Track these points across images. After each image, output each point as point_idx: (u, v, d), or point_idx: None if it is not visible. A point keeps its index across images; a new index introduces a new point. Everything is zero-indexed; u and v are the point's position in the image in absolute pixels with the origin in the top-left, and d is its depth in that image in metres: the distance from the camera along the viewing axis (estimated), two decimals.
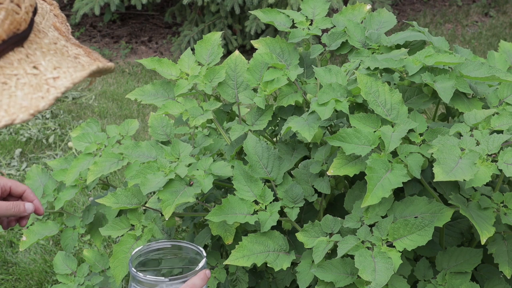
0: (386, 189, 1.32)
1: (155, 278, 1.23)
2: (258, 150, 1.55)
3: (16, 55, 0.78)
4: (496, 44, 5.08)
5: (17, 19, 0.77)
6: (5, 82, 0.76)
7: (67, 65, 0.81)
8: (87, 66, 0.82)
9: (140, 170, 1.52)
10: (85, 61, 0.85)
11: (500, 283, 1.52)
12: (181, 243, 1.34)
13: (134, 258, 1.30)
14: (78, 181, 1.89)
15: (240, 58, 1.72)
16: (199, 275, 1.24)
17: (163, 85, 1.72)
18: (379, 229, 1.40)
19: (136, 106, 4.49)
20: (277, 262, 1.46)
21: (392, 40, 1.65)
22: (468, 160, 1.29)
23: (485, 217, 1.39)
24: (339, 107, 1.45)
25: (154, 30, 5.82)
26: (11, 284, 3.00)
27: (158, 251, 1.35)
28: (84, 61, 0.84)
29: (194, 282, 1.23)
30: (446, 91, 1.43)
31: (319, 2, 1.77)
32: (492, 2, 6.02)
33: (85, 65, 0.83)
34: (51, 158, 3.92)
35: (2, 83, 0.76)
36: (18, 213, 1.35)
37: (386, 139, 1.37)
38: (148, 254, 1.34)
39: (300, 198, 1.52)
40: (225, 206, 1.46)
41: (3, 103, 0.74)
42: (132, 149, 1.64)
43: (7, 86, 0.76)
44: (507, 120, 1.41)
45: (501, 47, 1.81)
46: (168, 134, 1.80)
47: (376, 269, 1.32)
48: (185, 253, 1.36)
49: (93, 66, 0.81)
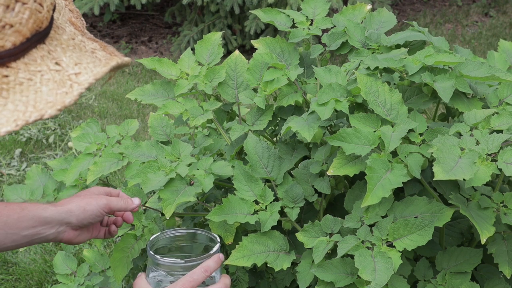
0: (386, 189, 1.32)
1: (172, 260, 1.32)
2: (258, 150, 1.55)
3: (39, 52, 0.82)
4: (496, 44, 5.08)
5: (39, 17, 0.81)
6: (30, 78, 0.80)
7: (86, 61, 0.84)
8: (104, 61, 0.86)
9: (140, 169, 1.52)
10: (101, 55, 0.88)
11: (500, 283, 1.52)
12: (196, 230, 1.43)
13: (151, 244, 1.38)
14: (78, 181, 1.89)
15: (240, 58, 1.72)
16: (213, 258, 1.32)
17: (163, 85, 1.73)
18: (379, 229, 1.40)
19: (136, 106, 4.49)
20: (277, 262, 1.46)
21: (392, 40, 1.65)
22: (468, 160, 1.29)
23: (485, 217, 1.39)
24: (339, 107, 1.45)
25: (154, 30, 5.82)
26: (11, 284, 3.00)
27: (174, 238, 1.43)
28: (100, 55, 0.88)
29: (209, 264, 1.31)
30: (446, 90, 1.43)
31: (320, 2, 1.77)
32: (492, 2, 6.02)
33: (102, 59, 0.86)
34: (51, 158, 3.92)
35: (28, 80, 0.79)
36: (126, 207, 1.39)
37: (386, 139, 1.37)
38: (165, 241, 1.43)
39: (300, 198, 1.52)
40: (225, 206, 1.46)
41: (30, 98, 0.78)
42: (133, 149, 1.64)
43: (32, 82, 0.79)
44: (507, 120, 1.41)
45: (501, 46, 1.81)
46: (168, 134, 1.80)
47: (376, 269, 1.32)
48: (200, 240, 1.44)
49: (113, 61, 0.85)
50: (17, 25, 0.78)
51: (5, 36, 0.77)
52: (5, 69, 0.79)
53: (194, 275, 1.29)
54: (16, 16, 0.78)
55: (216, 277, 1.35)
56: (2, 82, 0.78)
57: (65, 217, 1.33)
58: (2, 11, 0.76)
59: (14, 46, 0.79)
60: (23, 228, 1.30)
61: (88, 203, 1.35)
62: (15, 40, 0.78)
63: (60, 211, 1.33)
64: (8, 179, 3.74)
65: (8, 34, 0.78)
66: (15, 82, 0.79)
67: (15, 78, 0.79)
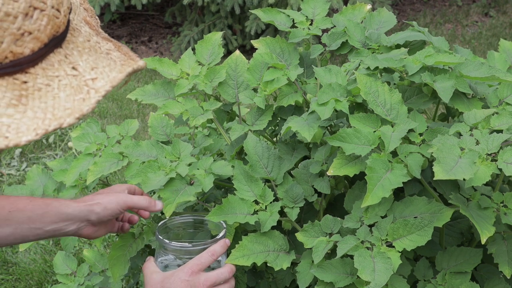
0: (386, 189, 1.32)
1: (180, 244, 1.39)
2: (258, 150, 1.55)
3: (56, 56, 0.83)
4: (496, 44, 5.09)
5: (57, 22, 0.82)
6: (48, 84, 0.80)
7: (102, 64, 0.85)
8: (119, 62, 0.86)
9: (140, 169, 1.52)
10: (116, 57, 0.89)
11: (500, 283, 1.52)
12: (203, 217, 1.49)
13: (160, 229, 1.44)
14: (78, 181, 1.89)
15: (240, 58, 1.72)
16: (219, 243, 1.40)
17: (163, 85, 1.72)
18: (378, 229, 1.40)
19: (136, 106, 4.50)
20: (277, 262, 1.46)
21: (392, 40, 1.65)
22: (467, 159, 1.29)
23: (485, 217, 1.39)
24: (338, 107, 1.45)
25: (154, 30, 5.82)
26: (11, 284, 3.00)
27: (181, 224, 1.50)
28: (115, 57, 0.88)
29: (215, 248, 1.39)
30: (446, 90, 1.43)
31: (319, 2, 1.77)
32: (492, 2, 6.02)
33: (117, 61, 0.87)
34: (51, 158, 3.92)
35: (46, 85, 0.80)
36: (147, 207, 1.42)
37: (386, 139, 1.37)
38: (172, 227, 1.50)
39: (300, 198, 1.52)
40: (225, 206, 1.46)
41: (48, 105, 0.79)
42: (133, 148, 1.64)
43: (50, 88, 0.80)
44: (507, 120, 1.41)
45: (501, 46, 1.80)
46: (168, 134, 1.80)
47: (375, 269, 1.32)
48: (206, 227, 1.52)
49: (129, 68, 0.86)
50: (35, 32, 0.79)
51: (24, 43, 0.78)
52: (24, 75, 0.79)
53: (202, 259, 1.36)
54: (35, 23, 0.79)
55: (222, 261, 1.42)
56: (21, 88, 0.79)
57: (86, 214, 1.36)
58: (21, 19, 0.77)
59: (33, 52, 0.79)
60: (47, 223, 1.33)
61: (109, 202, 1.38)
62: (33, 46, 0.79)
63: (83, 209, 1.36)
64: (8, 179, 3.74)
65: (27, 41, 0.79)
66: (34, 88, 0.80)
67: (34, 84, 0.80)
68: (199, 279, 1.34)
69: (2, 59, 0.77)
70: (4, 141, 0.75)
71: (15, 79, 0.79)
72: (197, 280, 1.34)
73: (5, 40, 0.77)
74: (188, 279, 1.33)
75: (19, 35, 0.77)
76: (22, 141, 0.75)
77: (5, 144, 0.75)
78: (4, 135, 0.75)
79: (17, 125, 0.76)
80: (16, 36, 0.77)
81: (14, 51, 0.78)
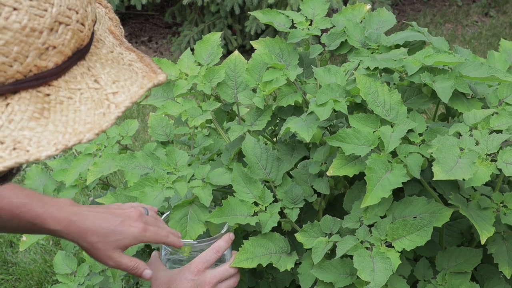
0: (385, 189, 1.32)
1: (184, 240, 1.40)
2: (256, 151, 1.55)
3: (79, 68, 0.83)
4: (496, 44, 5.08)
5: (81, 36, 0.82)
6: (70, 97, 0.80)
7: (124, 77, 0.85)
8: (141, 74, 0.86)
9: (138, 182, 1.51)
10: (138, 68, 0.88)
11: (500, 283, 1.52)
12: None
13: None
14: (78, 181, 1.89)
15: (239, 58, 1.72)
16: (224, 238, 1.41)
17: (162, 86, 1.72)
18: (378, 229, 1.40)
19: (136, 106, 4.50)
20: (280, 264, 1.46)
21: (391, 40, 1.64)
22: (467, 160, 1.29)
23: (485, 217, 1.39)
24: (337, 107, 1.45)
25: (154, 30, 5.82)
26: (11, 284, 3.00)
27: None
28: (137, 68, 0.88)
29: (220, 244, 1.40)
30: (445, 91, 1.43)
31: (319, 2, 1.76)
32: (492, 2, 6.02)
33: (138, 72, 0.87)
34: (51, 158, 3.92)
35: (68, 98, 0.80)
36: (135, 275, 1.35)
37: (386, 139, 1.37)
38: None
39: (300, 198, 1.51)
40: (225, 207, 1.46)
41: (69, 118, 0.79)
42: (128, 161, 1.62)
43: (72, 101, 0.80)
44: (507, 120, 1.41)
45: (502, 46, 1.80)
46: (168, 134, 1.80)
47: (375, 269, 1.32)
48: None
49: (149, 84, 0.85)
50: (59, 46, 0.79)
51: (48, 57, 0.79)
52: (47, 88, 0.79)
53: (207, 257, 1.38)
54: (59, 38, 0.79)
55: (227, 255, 1.43)
56: (44, 101, 0.79)
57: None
58: (46, 34, 0.77)
59: (56, 65, 0.80)
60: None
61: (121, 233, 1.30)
62: (57, 60, 0.80)
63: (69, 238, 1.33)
64: None
65: (51, 55, 0.79)
66: (56, 101, 0.80)
67: (56, 97, 0.80)
68: (204, 277, 1.36)
69: (27, 72, 0.77)
70: (25, 155, 0.75)
71: (38, 91, 0.79)
72: (203, 278, 1.36)
73: (30, 55, 0.77)
74: (194, 278, 1.35)
75: (44, 49, 0.78)
76: (42, 156, 0.75)
77: (25, 158, 0.74)
78: (26, 149, 0.75)
79: (38, 139, 0.76)
80: (41, 50, 0.78)
81: (38, 64, 0.78)
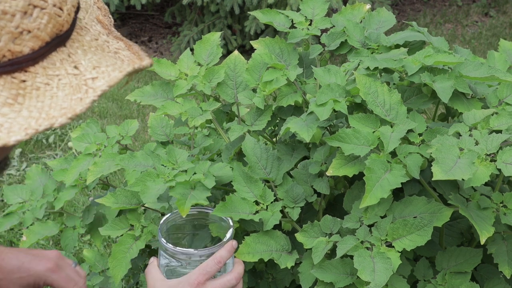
0: (385, 189, 1.32)
1: (184, 250, 1.31)
2: (257, 151, 1.55)
3: (59, 55, 0.81)
4: (496, 44, 5.08)
5: (59, 21, 0.80)
6: (47, 83, 0.78)
7: (106, 63, 0.82)
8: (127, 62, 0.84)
9: (139, 177, 1.50)
10: (125, 55, 0.86)
11: (500, 283, 1.52)
12: (207, 210, 1.44)
13: (162, 228, 1.37)
14: (78, 181, 1.89)
15: (239, 58, 1.72)
16: (226, 247, 1.32)
17: (162, 86, 1.72)
18: (378, 229, 1.40)
19: (136, 107, 4.49)
20: (281, 261, 1.46)
21: (391, 40, 1.64)
22: (466, 160, 1.29)
23: (485, 217, 1.39)
24: (337, 107, 1.45)
25: (154, 30, 5.82)
26: None
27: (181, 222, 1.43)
28: (124, 56, 0.86)
29: (221, 254, 1.31)
30: (445, 91, 1.43)
31: (318, 2, 1.76)
32: (492, 2, 6.02)
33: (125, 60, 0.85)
34: (51, 158, 3.92)
35: (45, 84, 0.78)
36: None
37: (385, 140, 1.37)
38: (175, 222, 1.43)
39: (301, 198, 1.51)
40: (228, 203, 1.45)
41: (45, 104, 0.77)
42: (128, 160, 1.62)
43: (49, 87, 0.78)
44: (506, 120, 1.41)
45: (501, 46, 1.80)
46: (168, 134, 1.80)
47: (375, 269, 1.32)
48: (211, 220, 1.45)
49: (129, 67, 0.83)
50: (35, 30, 0.77)
51: (23, 42, 0.77)
52: (23, 74, 0.78)
53: (207, 268, 1.29)
54: (34, 22, 0.77)
55: (229, 264, 1.35)
56: (19, 87, 0.77)
57: None
58: (19, 17, 0.76)
59: (33, 51, 0.78)
60: None
61: None
62: (33, 45, 0.78)
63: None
64: (8, 179, 3.74)
65: (26, 40, 0.77)
66: (32, 87, 0.78)
67: (32, 83, 0.78)
68: None
69: (0, 57, 0.76)
70: None
71: (14, 77, 0.77)
72: None
73: (2, 39, 0.75)
74: None
75: (18, 33, 0.76)
76: (11, 140, 0.73)
77: None
78: None
79: (10, 125, 0.75)
80: (14, 34, 0.76)
81: (12, 49, 0.76)
